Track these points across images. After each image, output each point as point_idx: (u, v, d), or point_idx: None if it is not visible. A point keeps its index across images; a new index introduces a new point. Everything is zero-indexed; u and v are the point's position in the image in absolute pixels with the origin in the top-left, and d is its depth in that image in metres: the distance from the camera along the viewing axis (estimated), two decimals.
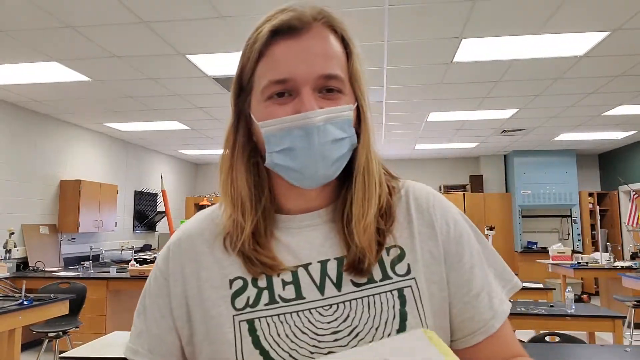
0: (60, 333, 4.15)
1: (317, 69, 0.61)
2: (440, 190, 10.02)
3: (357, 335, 0.61)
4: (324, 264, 0.65)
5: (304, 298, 0.63)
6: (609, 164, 9.54)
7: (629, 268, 6.18)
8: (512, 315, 3.55)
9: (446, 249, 0.68)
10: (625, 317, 4.67)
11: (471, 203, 9.48)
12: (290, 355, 0.60)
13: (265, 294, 0.64)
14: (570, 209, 9.19)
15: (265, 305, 0.63)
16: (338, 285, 0.64)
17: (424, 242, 0.68)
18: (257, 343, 0.61)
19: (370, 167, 0.66)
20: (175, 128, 7.12)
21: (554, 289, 5.19)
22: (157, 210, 9.24)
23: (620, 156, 9.08)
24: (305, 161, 0.61)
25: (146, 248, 8.63)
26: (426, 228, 0.69)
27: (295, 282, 0.64)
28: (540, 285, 5.09)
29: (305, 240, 0.67)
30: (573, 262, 6.68)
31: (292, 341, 0.61)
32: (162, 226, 9.37)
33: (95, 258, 6.96)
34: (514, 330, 3.60)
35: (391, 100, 5.64)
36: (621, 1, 3.20)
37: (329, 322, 0.62)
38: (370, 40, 3.83)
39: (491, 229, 8.52)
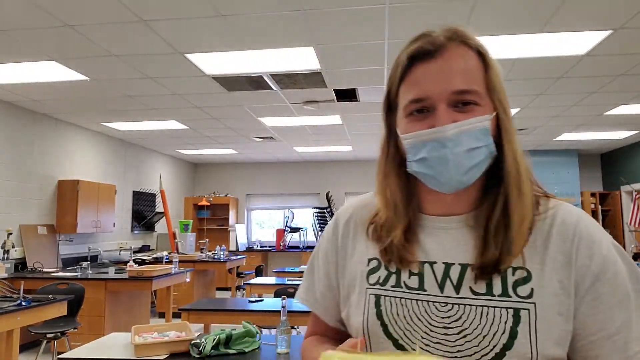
0: (59, 334, 4.12)
1: (450, 86, 0.69)
2: None
3: (465, 336, 0.68)
4: (448, 266, 0.73)
5: (425, 290, 0.73)
6: (611, 163, 9.51)
7: None
8: None
9: (579, 283, 0.68)
10: None
11: None
12: (405, 334, 0.72)
13: (393, 277, 0.76)
14: None
15: (392, 287, 0.75)
16: (457, 288, 0.71)
17: (555, 270, 0.69)
18: (379, 315, 0.74)
19: (521, 176, 0.71)
20: (174, 127, 7.10)
21: None
22: (156, 210, 9.22)
23: (623, 156, 9.06)
24: (439, 169, 0.70)
25: (145, 248, 8.60)
26: (562, 256, 0.69)
27: (420, 274, 0.74)
28: None
29: (437, 240, 0.75)
30: None
31: (407, 323, 0.72)
32: (160, 227, 9.34)
33: (94, 259, 6.94)
34: None
35: None
36: (623, 0, 3.18)
37: (442, 318, 0.70)
38: (371, 39, 3.80)
39: None
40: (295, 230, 10.37)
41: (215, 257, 7.36)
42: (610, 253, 0.69)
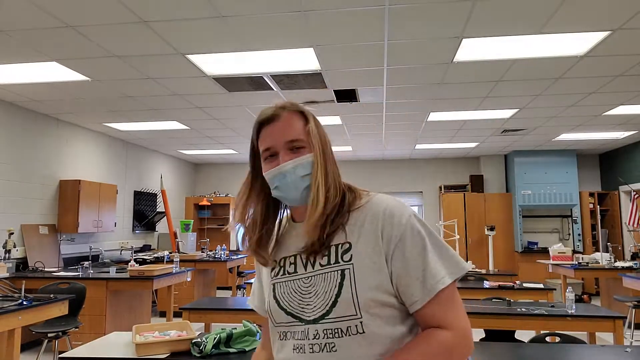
0: (60, 333, 4.14)
1: (284, 138, 1.05)
2: (441, 190, 10.01)
3: (316, 295, 1.01)
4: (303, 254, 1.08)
5: (297, 272, 1.07)
6: (610, 164, 9.53)
7: (630, 268, 6.18)
8: (513, 315, 3.55)
9: (387, 246, 1.00)
10: (626, 317, 4.66)
11: (471, 203, 9.47)
12: (290, 304, 1.05)
13: (281, 269, 1.10)
14: (571, 209, 9.18)
15: (281, 275, 1.10)
16: (313, 265, 1.05)
17: (368, 240, 1.01)
18: (274, 296, 1.09)
19: (318, 195, 1.02)
20: (175, 128, 7.11)
21: (555, 289, 5.18)
22: (157, 210, 9.23)
23: (621, 156, 9.07)
24: (286, 191, 1.06)
25: (146, 248, 8.62)
26: (372, 231, 1.02)
27: (295, 262, 1.08)
28: (541, 286, 5.08)
29: (296, 238, 1.10)
30: (573, 263, 6.68)
31: (289, 296, 1.06)
32: (161, 226, 9.36)
33: (95, 258, 6.96)
34: (514, 330, 3.57)
35: (391, 100, 5.63)
36: (622, 1, 3.19)
37: (306, 287, 1.04)
38: (371, 40, 3.82)
39: (491, 229, 8.53)
40: None
41: (216, 256, 7.38)
42: (408, 221, 1.01)
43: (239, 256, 7.99)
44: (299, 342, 1.02)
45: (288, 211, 1.18)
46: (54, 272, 5.62)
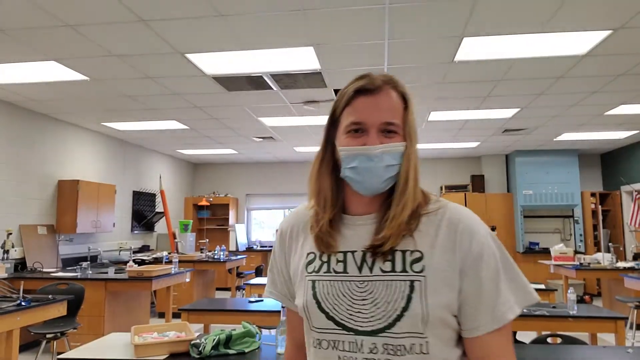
0: (58, 334, 4.12)
1: (382, 118, 0.94)
2: (442, 190, 10.00)
3: (376, 304, 0.90)
4: (364, 253, 0.95)
5: (348, 273, 0.95)
6: (611, 163, 9.51)
7: (631, 269, 6.15)
8: None
9: (463, 263, 0.91)
10: (628, 318, 4.64)
11: (472, 203, 9.44)
12: (334, 308, 0.93)
13: (325, 265, 0.98)
14: (572, 209, 9.16)
15: (324, 272, 0.97)
16: (371, 269, 0.93)
17: (443, 252, 0.92)
18: (314, 295, 0.96)
19: (408, 189, 0.94)
20: (174, 127, 7.09)
21: (556, 290, 5.16)
22: (156, 210, 9.21)
23: (623, 156, 9.05)
24: (365, 176, 0.93)
25: (144, 249, 8.60)
26: (449, 242, 0.92)
27: (344, 261, 0.96)
28: (542, 286, 5.07)
29: (357, 234, 0.98)
30: (575, 263, 6.65)
31: (335, 299, 0.94)
32: (160, 227, 9.34)
33: (94, 259, 6.94)
34: (516, 332, 3.56)
35: None
36: (623, 0, 3.18)
37: (360, 292, 0.92)
38: (371, 39, 3.80)
39: (493, 229, 8.51)
40: None
41: (215, 257, 7.36)
42: (486, 240, 0.93)
43: (238, 257, 7.98)
44: (349, 355, 0.91)
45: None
46: (53, 272, 5.60)
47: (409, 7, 3.27)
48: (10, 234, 5.43)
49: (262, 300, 3.99)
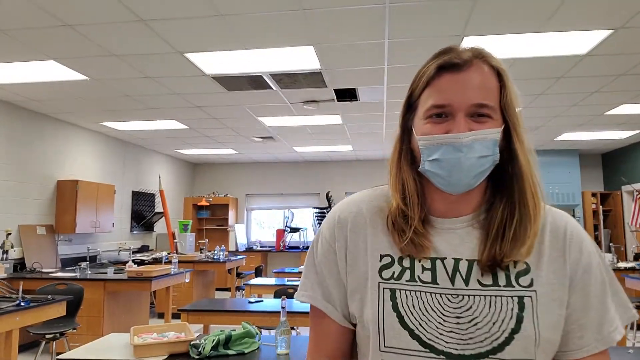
0: (58, 334, 4.11)
1: (471, 99, 0.77)
2: None
3: (475, 324, 0.75)
4: (457, 261, 0.80)
5: (438, 284, 0.79)
6: (612, 163, 9.50)
7: (632, 269, 6.14)
8: None
9: (572, 275, 0.79)
10: None
11: None
12: (420, 325, 0.77)
13: (407, 272, 0.81)
14: (573, 209, 9.15)
15: (407, 281, 0.80)
16: (466, 281, 0.78)
17: (550, 262, 0.79)
18: (395, 307, 0.79)
19: (535, 186, 0.80)
20: (174, 127, 7.08)
21: None
22: (155, 210, 9.20)
23: (623, 156, 9.05)
24: (451, 171, 0.77)
25: (144, 249, 8.59)
26: (556, 251, 0.80)
27: (433, 269, 0.80)
28: None
29: (445, 239, 0.82)
30: None
31: (422, 314, 0.77)
32: (159, 227, 9.33)
33: (93, 259, 6.93)
34: None
35: (392, 99, 5.60)
36: (623, 0, 3.16)
37: (454, 308, 0.77)
38: (371, 39, 3.79)
39: None
40: (295, 230, 10.36)
41: (215, 257, 7.35)
42: (593, 249, 0.82)
43: (238, 257, 7.97)
44: None
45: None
46: (52, 273, 5.59)
47: (409, 7, 3.26)
48: (10, 234, 5.41)
49: (262, 301, 3.98)
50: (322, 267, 0.89)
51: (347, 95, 5.39)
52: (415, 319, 0.78)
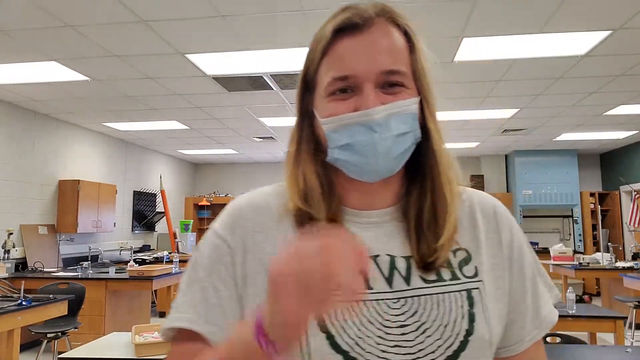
0: (59, 334, 4.13)
1: (379, 65, 0.63)
2: None
3: (424, 331, 0.61)
4: (392, 258, 0.66)
5: (372, 289, 0.63)
6: (611, 163, 9.51)
7: (631, 268, 6.16)
8: None
9: (510, 257, 0.70)
10: (627, 317, 4.65)
11: None
12: (357, 344, 0.60)
13: None
14: (572, 209, 9.16)
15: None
16: (407, 279, 0.64)
17: (489, 247, 0.69)
18: (323, 326, 0.61)
19: (450, 162, 0.67)
20: (175, 128, 7.10)
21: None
22: (156, 210, 9.22)
23: (622, 156, 9.06)
24: (366, 156, 0.62)
25: (145, 248, 8.61)
26: (492, 234, 0.71)
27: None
28: None
29: (372, 235, 0.67)
30: (574, 263, 6.66)
31: (358, 329, 0.61)
32: (161, 226, 9.35)
33: (94, 258, 6.94)
34: None
35: None
36: (622, 0, 3.18)
37: (396, 315, 0.62)
38: None
39: None
40: None
41: None
42: (519, 228, 0.73)
43: None
44: None
45: None
46: (53, 272, 5.61)
47: (408, 7, 3.26)
48: (11, 233, 5.43)
49: None
50: (213, 277, 0.66)
51: None
52: (350, 337, 0.60)
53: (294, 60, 4.25)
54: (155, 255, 7.47)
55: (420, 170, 0.69)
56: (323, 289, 0.47)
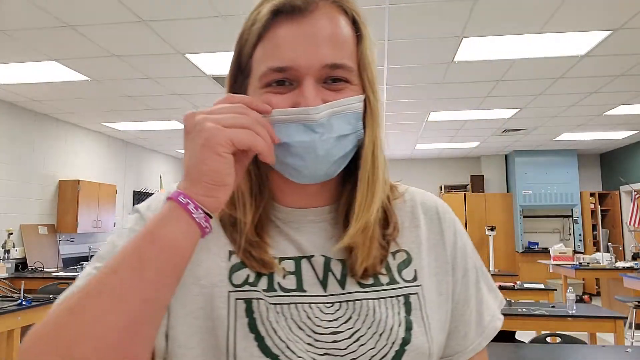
0: None
1: (322, 58, 0.56)
2: (441, 190, 10.00)
3: (358, 339, 0.56)
4: (327, 259, 0.61)
5: (305, 291, 0.59)
6: (610, 163, 9.51)
7: (630, 268, 6.16)
8: (514, 315, 3.53)
9: (453, 260, 0.65)
10: (627, 317, 4.65)
11: (472, 203, 9.45)
12: (288, 347, 0.55)
13: (264, 279, 0.59)
14: (572, 209, 9.16)
15: (264, 290, 0.58)
16: (342, 283, 0.60)
17: (431, 248, 0.65)
18: (253, 326, 0.56)
19: (376, 165, 0.60)
20: (175, 128, 7.10)
21: (555, 290, 5.17)
22: None
23: (622, 156, 9.06)
24: (305, 159, 0.56)
25: None
26: (434, 235, 0.66)
27: (297, 272, 0.60)
28: (542, 286, 5.07)
29: (308, 236, 0.63)
30: (574, 263, 6.66)
31: (288, 333, 0.56)
32: None
33: None
34: (515, 331, 3.58)
35: (392, 100, 5.62)
36: (623, 0, 3.18)
37: (329, 321, 0.57)
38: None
39: (492, 229, 8.52)
40: None
41: None
42: (463, 229, 0.69)
43: None
44: None
45: None
46: (53, 272, 5.60)
47: (409, 7, 3.28)
48: (11, 233, 5.43)
49: None
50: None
51: None
52: (282, 340, 0.56)
53: None
54: None
55: (348, 168, 0.63)
56: (229, 117, 0.51)
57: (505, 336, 3.68)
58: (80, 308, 0.49)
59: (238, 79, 0.63)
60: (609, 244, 7.20)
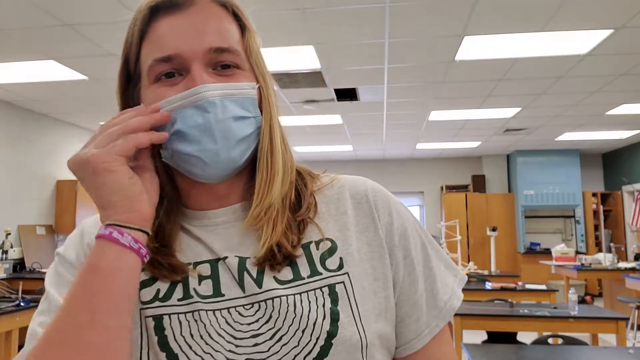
0: None
1: (207, 42, 0.56)
2: (442, 190, 9.98)
3: (280, 339, 0.54)
4: (242, 259, 0.59)
5: (223, 295, 0.57)
6: (613, 163, 9.48)
7: (633, 269, 6.13)
8: (516, 317, 3.51)
9: (389, 242, 0.62)
10: (629, 318, 4.62)
11: (473, 203, 9.42)
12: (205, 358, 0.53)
13: (180, 287, 0.57)
14: (574, 210, 9.13)
15: (179, 300, 0.56)
16: (258, 281, 0.57)
17: (361, 233, 0.62)
18: (164, 344, 0.54)
19: (275, 148, 0.60)
20: None
21: (557, 291, 5.14)
22: None
23: (624, 156, 9.03)
24: (202, 141, 0.55)
25: None
26: (364, 219, 0.63)
27: (214, 276, 0.58)
28: (543, 287, 5.05)
29: (222, 237, 0.61)
30: (576, 263, 6.64)
31: (206, 343, 0.54)
32: None
33: None
34: (516, 332, 3.56)
35: (392, 99, 5.60)
36: None
37: (249, 324, 0.55)
38: (372, 38, 3.78)
39: (494, 229, 8.49)
40: None
41: None
42: (402, 209, 0.66)
43: None
44: None
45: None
46: None
47: (409, 7, 3.25)
48: (9, 234, 5.42)
49: None
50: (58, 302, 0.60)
51: (347, 95, 5.39)
52: (196, 354, 0.53)
53: (294, 60, 4.23)
54: None
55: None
56: (112, 135, 0.53)
57: (506, 337, 3.66)
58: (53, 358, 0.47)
59: (129, 86, 0.62)
60: (611, 244, 7.18)
